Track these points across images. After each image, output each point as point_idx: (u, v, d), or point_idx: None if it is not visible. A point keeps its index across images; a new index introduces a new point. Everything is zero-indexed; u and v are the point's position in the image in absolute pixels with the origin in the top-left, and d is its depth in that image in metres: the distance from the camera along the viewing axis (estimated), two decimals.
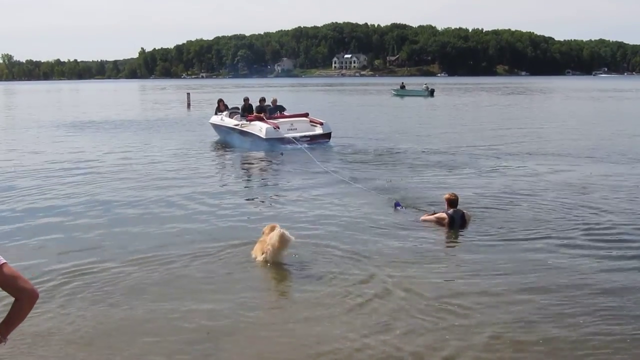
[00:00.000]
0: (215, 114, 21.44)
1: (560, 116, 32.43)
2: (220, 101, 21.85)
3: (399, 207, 9.85)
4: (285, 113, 20.11)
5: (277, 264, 7.12)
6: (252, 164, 16.26)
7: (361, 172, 13.79)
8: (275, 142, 17.61)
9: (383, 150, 17.73)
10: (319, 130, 18.55)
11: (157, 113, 37.39)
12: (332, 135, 18.87)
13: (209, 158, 17.44)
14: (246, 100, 20.21)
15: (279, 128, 17.94)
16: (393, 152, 17.38)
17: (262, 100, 20.01)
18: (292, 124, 18.61)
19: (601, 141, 19.70)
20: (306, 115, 19.51)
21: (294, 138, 17.56)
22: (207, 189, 12.00)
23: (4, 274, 2.57)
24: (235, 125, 19.22)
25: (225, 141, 19.86)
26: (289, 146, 17.34)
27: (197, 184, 12.54)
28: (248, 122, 18.75)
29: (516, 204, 10.18)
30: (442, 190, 10.56)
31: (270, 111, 19.61)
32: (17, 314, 2.65)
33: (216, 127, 20.96)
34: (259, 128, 18.06)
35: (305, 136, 17.93)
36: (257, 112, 19.05)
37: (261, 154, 17.13)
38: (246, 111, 19.67)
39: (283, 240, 7.02)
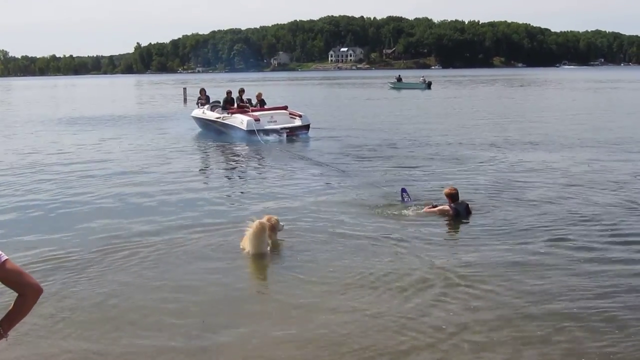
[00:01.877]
0: (197, 103, 21.84)
1: (560, 106, 32.33)
2: (202, 91, 22.22)
3: (405, 194, 9.40)
4: (265, 106, 20.43)
5: (277, 254, 7.11)
6: (235, 155, 16.57)
7: (357, 165, 13.70)
8: (256, 134, 17.89)
9: (380, 144, 17.43)
10: (297, 122, 18.88)
11: (154, 108, 37.42)
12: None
13: (191, 151, 17.61)
14: (229, 93, 20.45)
15: (259, 120, 18.25)
16: (390, 146, 17.05)
17: (241, 91, 20.44)
18: (272, 117, 19.00)
19: (603, 129, 19.87)
20: (285, 108, 19.93)
21: (275, 130, 18.01)
22: (192, 179, 12.42)
23: (6, 269, 2.54)
24: (217, 117, 19.48)
25: (208, 134, 20.12)
26: (269, 137, 17.75)
27: (183, 176, 12.73)
28: (229, 115, 19.02)
29: (521, 195, 10.07)
30: (441, 182, 10.32)
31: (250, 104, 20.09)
32: (20, 310, 2.60)
33: (198, 120, 21.22)
34: (240, 120, 18.42)
35: (284, 128, 18.21)
36: (239, 103, 19.68)
37: (243, 145, 17.51)
38: (228, 103, 19.91)
39: (256, 238, 6.89)
